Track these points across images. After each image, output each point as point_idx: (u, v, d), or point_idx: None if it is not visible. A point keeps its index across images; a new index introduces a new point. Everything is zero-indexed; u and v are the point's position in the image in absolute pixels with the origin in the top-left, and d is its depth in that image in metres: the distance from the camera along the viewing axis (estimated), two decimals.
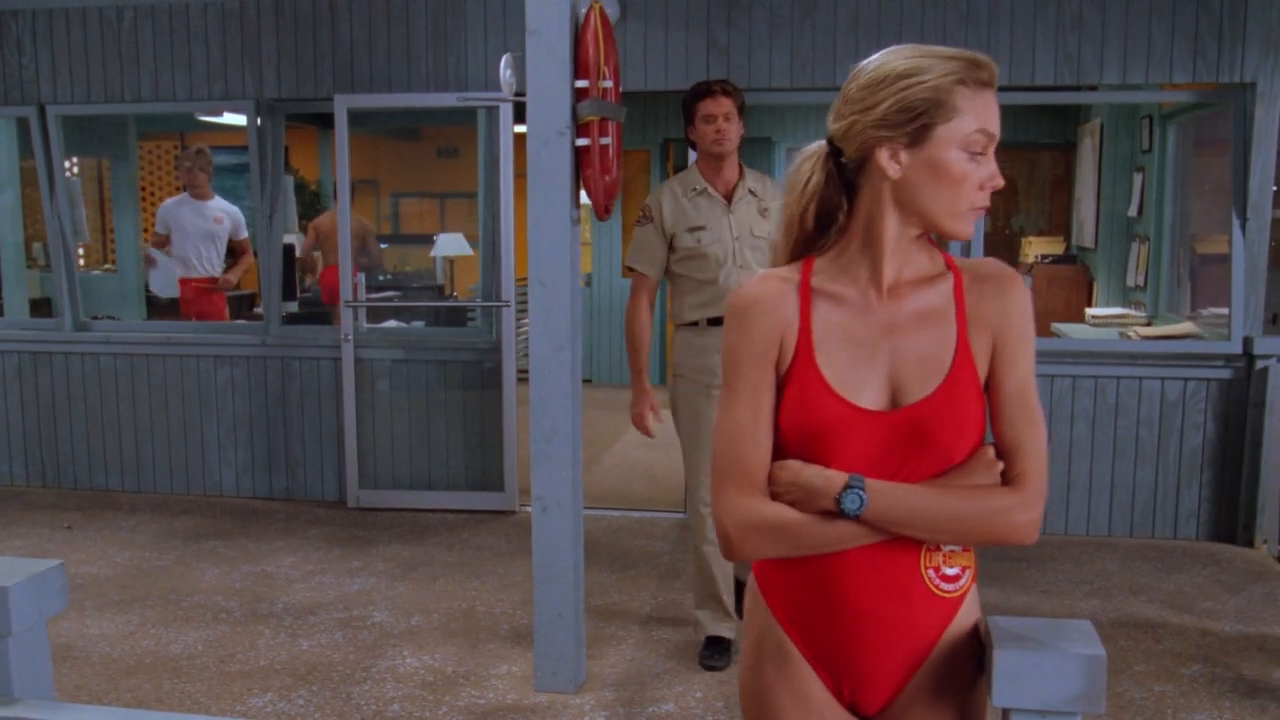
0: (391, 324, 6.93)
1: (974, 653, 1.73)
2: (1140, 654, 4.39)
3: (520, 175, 4.95)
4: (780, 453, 1.66)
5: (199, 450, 6.62)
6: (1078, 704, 1.61)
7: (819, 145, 1.70)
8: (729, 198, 4.21)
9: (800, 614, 1.69)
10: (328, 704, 3.95)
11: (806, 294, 1.65)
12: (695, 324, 4.18)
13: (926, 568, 1.67)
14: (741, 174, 4.26)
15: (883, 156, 1.60)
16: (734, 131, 4.15)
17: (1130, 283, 7.62)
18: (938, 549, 1.67)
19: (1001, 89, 5.03)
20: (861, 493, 1.59)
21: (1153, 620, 4.74)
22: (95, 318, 6.98)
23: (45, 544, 5.71)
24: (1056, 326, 7.25)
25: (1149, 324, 6.86)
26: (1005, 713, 1.66)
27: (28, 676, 1.98)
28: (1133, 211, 7.60)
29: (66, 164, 11.15)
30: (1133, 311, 7.17)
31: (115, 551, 5.59)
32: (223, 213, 7.39)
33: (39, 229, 11.75)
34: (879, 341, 1.65)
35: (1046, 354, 5.90)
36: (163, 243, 7.48)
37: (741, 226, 4.18)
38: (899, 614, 1.67)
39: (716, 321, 4.09)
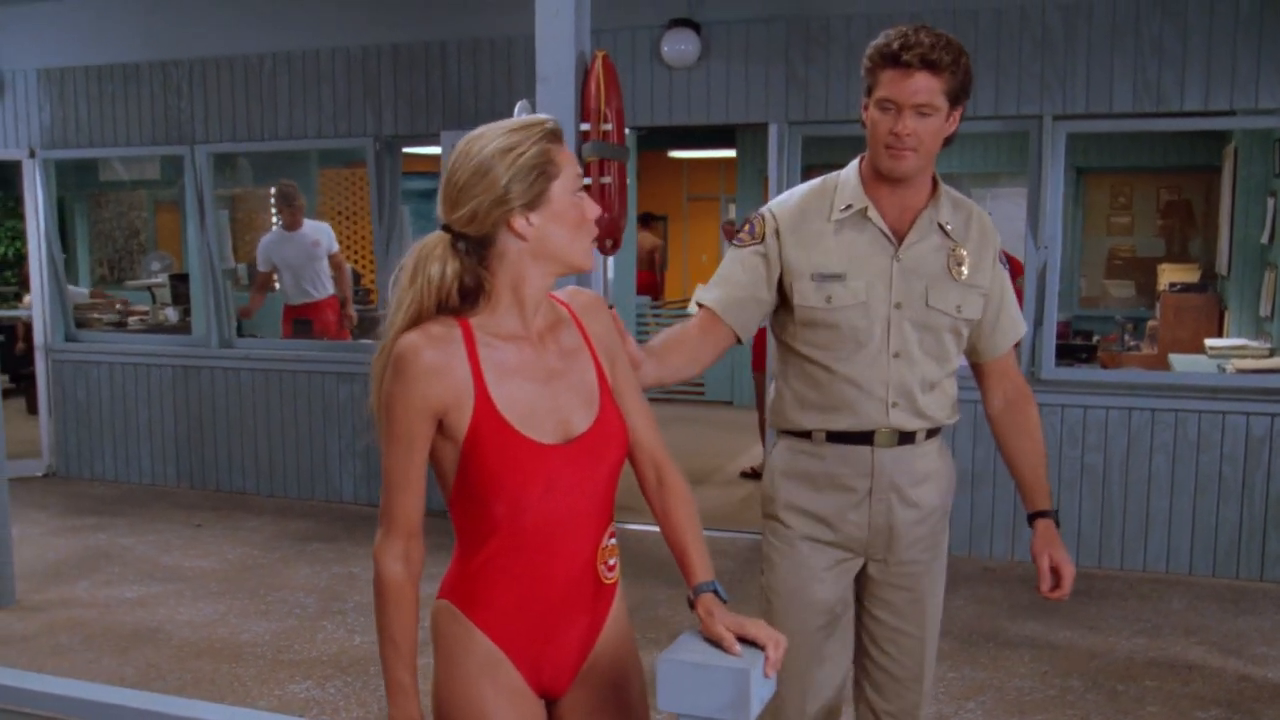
0: None
1: (631, 631, 2.10)
2: (1161, 695, 4.30)
3: None
4: (478, 495, 1.86)
5: (323, 459, 7.19)
6: (726, 712, 1.77)
7: (438, 237, 1.86)
8: (900, 233, 2.50)
9: (507, 622, 1.92)
10: (355, 694, 4.33)
11: (473, 352, 1.84)
12: (808, 436, 2.56)
13: (599, 563, 1.97)
14: (934, 194, 2.53)
15: (518, 224, 1.82)
16: (929, 135, 2.38)
17: (1262, 312, 7.31)
18: (606, 546, 1.97)
19: (1076, 117, 5.00)
20: (721, 590, 1.93)
21: (1193, 662, 4.62)
22: (240, 335, 7.66)
23: (174, 539, 6.36)
24: (1173, 358, 7.03)
25: (1270, 355, 6.59)
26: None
27: None
28: (1265, 238, 7.29)
29: (274, 190, 12.23)
30: (1255, 343, 6.88)
31: (230, 549, 6.18)
32: (316, 234, 7.87)
33: (245, 252, 12.88)
34: (543, 385, 1.89)
35: (1123, 386, 5.80)
36: (265, 280, 8.00)
37: (910, 284, 2.48)
38: (584, 603, 1.96)
39: (844, 438, 2.52)
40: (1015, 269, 6.84)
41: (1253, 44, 5.44)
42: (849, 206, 2.49)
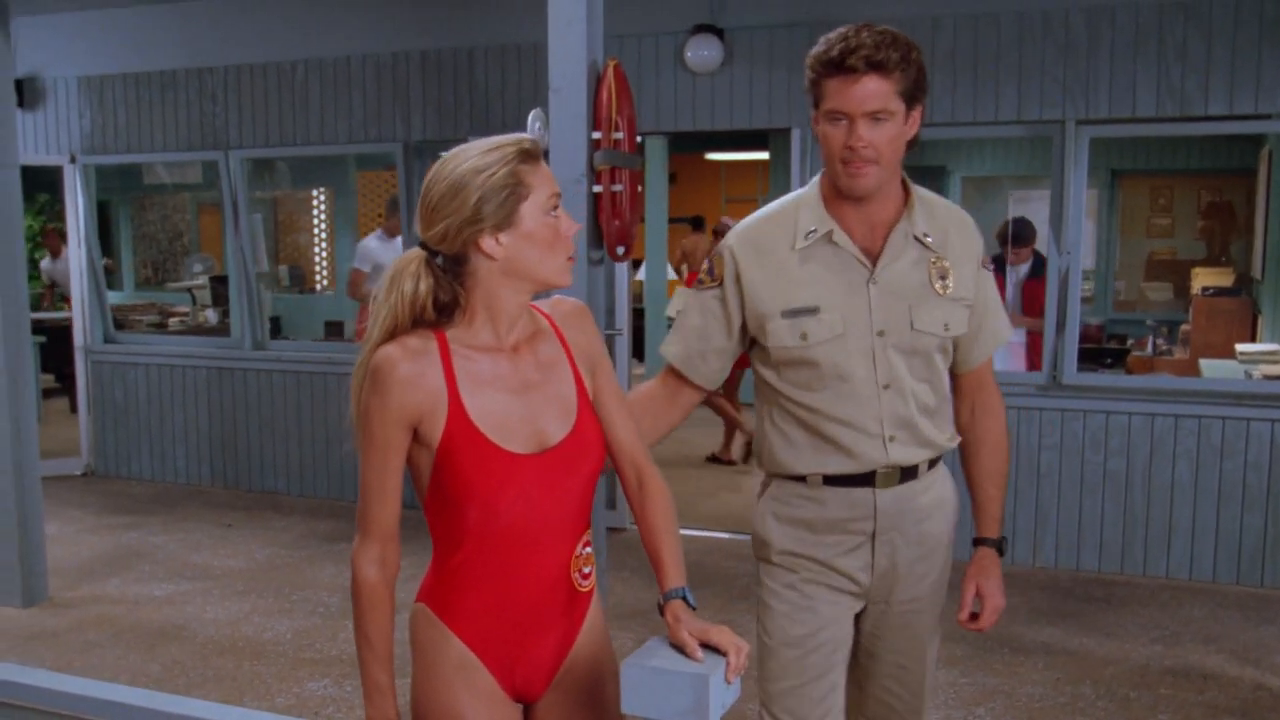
0: None
1: (607, 637, 2.14)
2: (1174, 704, 4.29)
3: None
4: (451, 501, 1.91)
5: (352, 460, 7.22)
6: (687, 717, 1.82)
7: (414, 253, 1.92)
8: (873, 252, 2.29)
9: (481, 626, 1.97)
10: None
11: (449, 364, 1.90)
12: (802, 479, 2.37)
13: (574, 571, 2.01)
14: (907, 202, 2.31)
15: (486, 244, 1.86)
16: (887, 144, 2.18)
17: None
18: (580, 555, 2.02)
19: (1098, 122, 4.97)
20: (689, 597, 2.00)
21: (1209, 671, 4.59)
22: (274, 338, 7.78)
23: (204, 538, 6.48)
24: (1202, 363, 6.96)
25: None
26: None
27: None
28: None
29: (315, 192, 12.42)
30: None
31: (258, 548, 6.29)
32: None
33: (286, 254, 13.07)
34: (518, 396, 1.93)
35: (1145, 392, 5.77)
36: (360, 279, 7.84)
37: (892, 308, 2.28)
38: (558, 610, 2.01)
39: (842, 480, 2.33)
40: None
41: (1278, 48, 5.39)
42: (813, 231, 2.28)
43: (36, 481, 5.45)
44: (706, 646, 1.89)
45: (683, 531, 6.54)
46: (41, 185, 10.77)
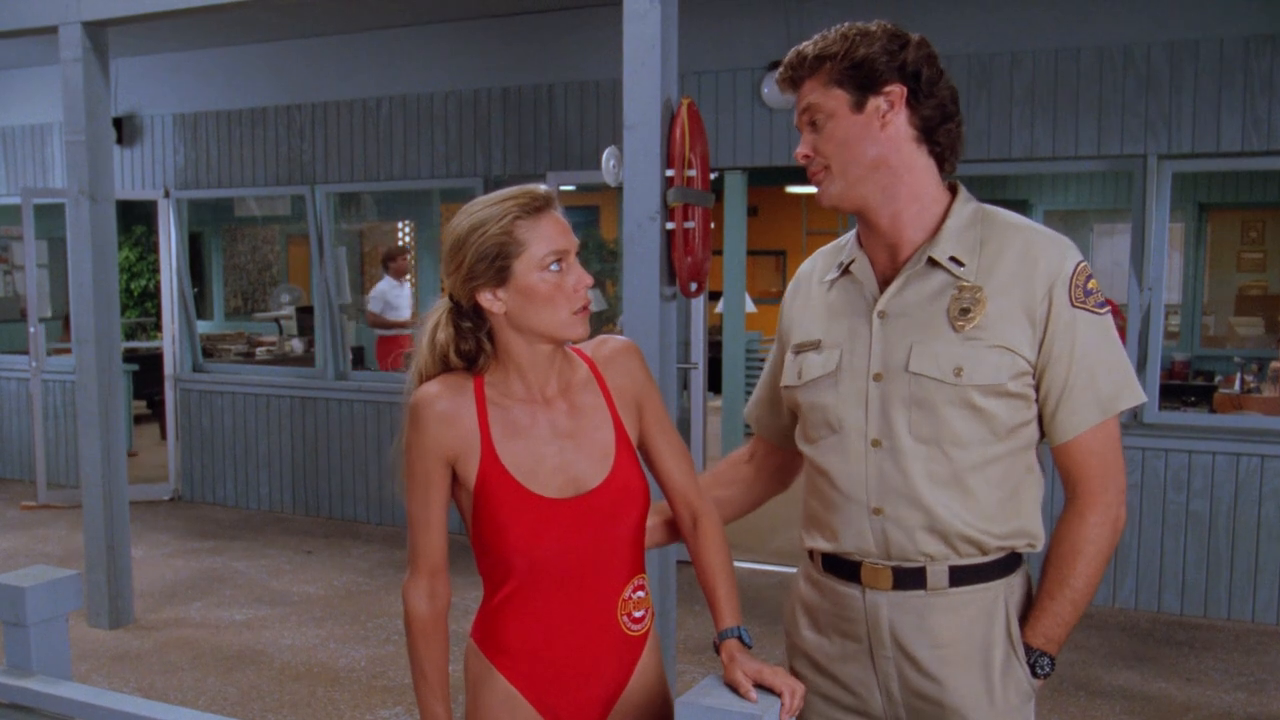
0: None
1: (663, 684, 2.09)
2: None
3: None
4: (489, 542, 1.94)
5: None
6: None
7: (441, 304, 1.97)
8: (884, 281, 1.93)
9: (524, 665, 1.99)
10: None
11: (483, 407, 1.93)
12: (810, 556, 2.06)
13: (621, 614, 2.00)
14: (944, 217, 1.90)
15: (485, 300, 1.89)
16: (835, 145, 1.87)
17: None
18: (629, 599, 2.00)
19: (1181, 156, 4.91)
20: (745, 636, 1.96)
21: None
22: (357, 368, 7.93)
23: (284, 564, 6.61)
24: None
25: None
26: None
27: (44, 657, 2.56)
28: None
29: (400, 224, 12.66)
30: None
31: (336, 575, 6.40)
32: None
33: (371, 285, 13.30)
34: (550, 444, 1.95)
35: (1230, 431, 5.64)
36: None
37: (895, 346, 1.88)
38: (607, 655, 2.00)
39: (836, 566, 1.98)
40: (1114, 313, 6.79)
41: None
42: (841, 263, 2.00)
43: (125, 507, 5.62)
44: (761, 687, 1.89)
45: (753, 566, 6.55)
46: (138, 218, 11.13)
